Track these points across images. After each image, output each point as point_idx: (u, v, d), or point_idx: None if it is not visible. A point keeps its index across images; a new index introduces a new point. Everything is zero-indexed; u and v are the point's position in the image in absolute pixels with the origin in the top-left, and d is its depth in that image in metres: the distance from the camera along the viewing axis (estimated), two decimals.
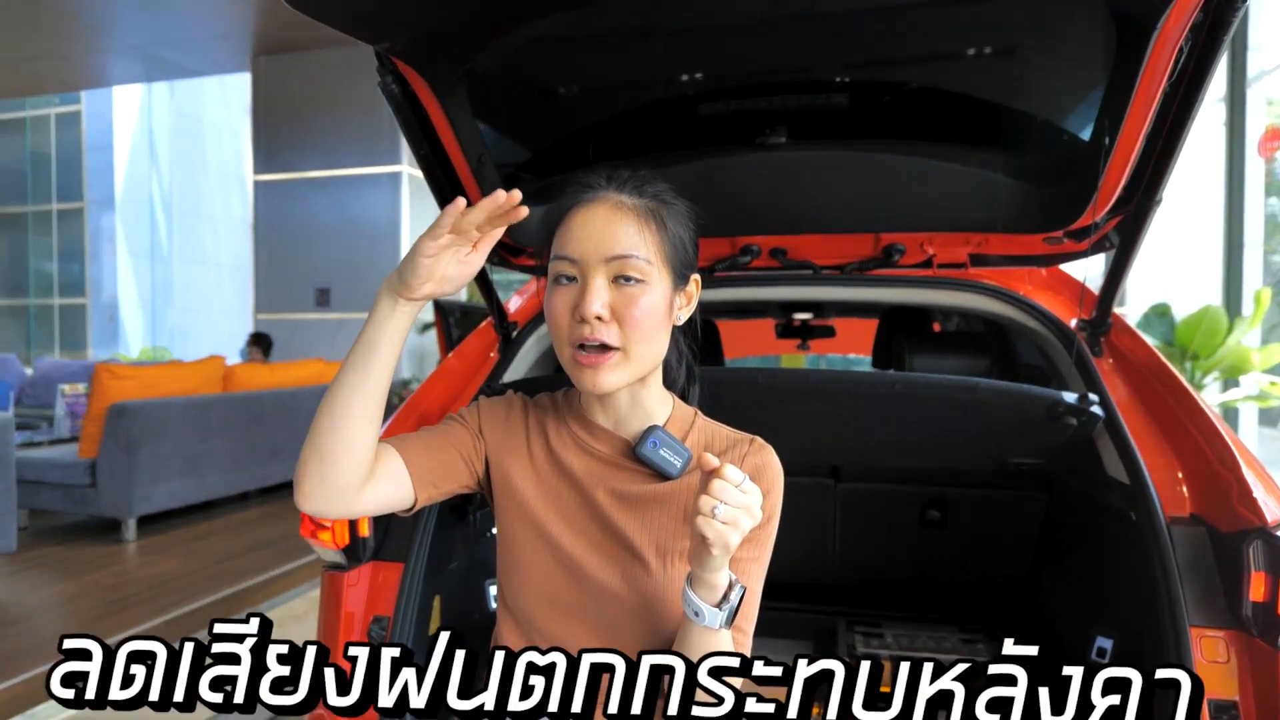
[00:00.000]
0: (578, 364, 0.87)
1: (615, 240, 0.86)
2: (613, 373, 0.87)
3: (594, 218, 0.88)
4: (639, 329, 0.86)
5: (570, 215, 0.90)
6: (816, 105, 1.53)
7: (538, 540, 0.94)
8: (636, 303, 0.86)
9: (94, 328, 12.75)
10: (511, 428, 1.00)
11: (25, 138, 13.39)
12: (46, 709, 2.61)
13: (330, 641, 1.38)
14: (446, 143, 1.48)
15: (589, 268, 0.86)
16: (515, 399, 1.04)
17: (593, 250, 0.86)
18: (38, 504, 4.48)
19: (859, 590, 2.20)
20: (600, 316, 0.85)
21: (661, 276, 0.89)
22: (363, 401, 0.83)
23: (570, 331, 0.87)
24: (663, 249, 0.90)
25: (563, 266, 0.88)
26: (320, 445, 0.84)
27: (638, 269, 0.86)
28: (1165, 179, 1.31)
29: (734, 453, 0.95)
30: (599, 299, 0.85)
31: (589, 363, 0.86)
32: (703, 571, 0.79)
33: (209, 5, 6.78)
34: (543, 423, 1.00)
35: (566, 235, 0.89)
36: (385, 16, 1.15)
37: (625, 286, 0.87)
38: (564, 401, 1.02)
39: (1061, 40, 1.32)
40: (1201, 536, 1.21)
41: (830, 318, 3.25)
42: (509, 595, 0.97)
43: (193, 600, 3.38)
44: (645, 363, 0.89)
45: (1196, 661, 1.11)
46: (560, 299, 0.88)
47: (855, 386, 1.46)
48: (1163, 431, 1.42)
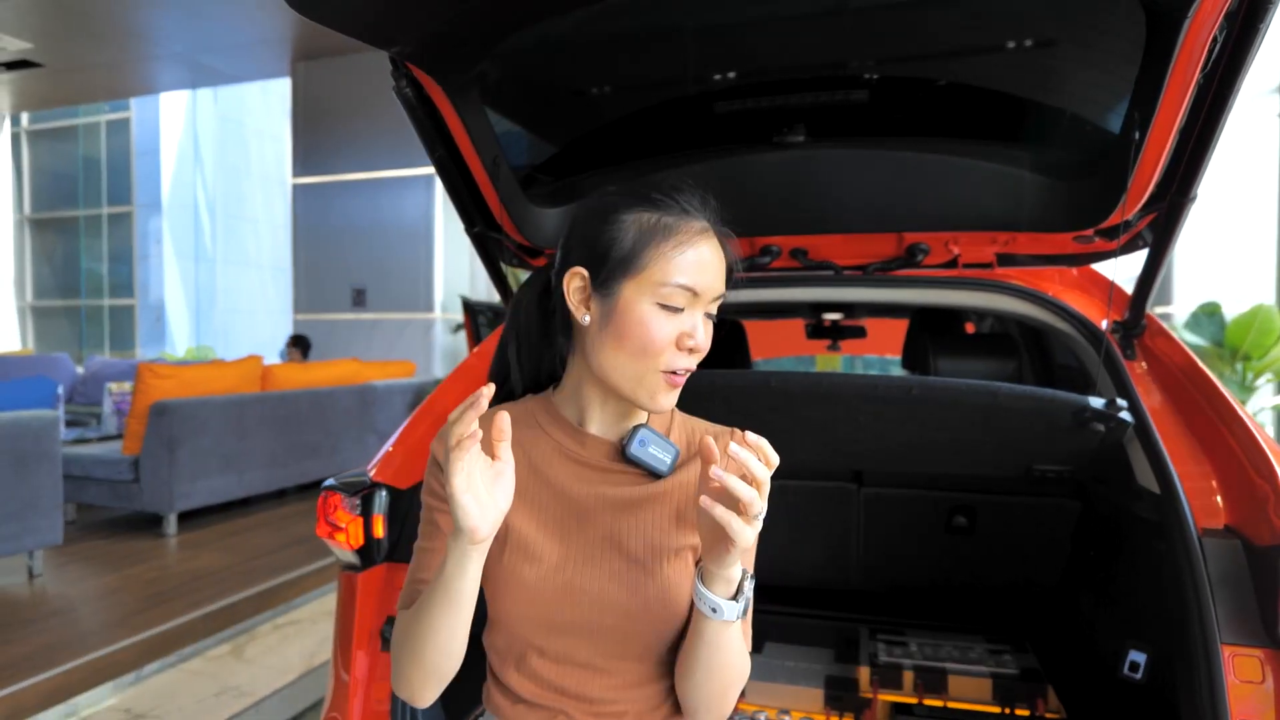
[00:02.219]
0: (668, 384, 0.87)
1: (721, 281, 0.89)
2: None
3: (710, 255, 0.88)
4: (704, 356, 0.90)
5: (697, 245, 0.87)
6: (836, 102, 1.50)
7: (526, 563, 0.90)
8: (709, 335, 0.89)
9: (142, 327, 13.13)
10: (481, 447, 0.97)
11: (78, 144, 13.85)
12: (89, 698, 2.69)
13: (345, 642, 1.40)
14: (461, 145, 1.49)
15: (702, 304, 0.88)
16: (496, 417, 1.01)
17: (712, 288, 0.88)
18: (85, 499, 4.63)
19: (882, 597, 2.16)
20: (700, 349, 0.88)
21: None
22: (461, 628, 0.83)
23: (668, 357, 0.87)
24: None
25: (680, 297, 0.86)
26: (436, 665, 0.84)
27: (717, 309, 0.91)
28: (1200, 174, 1.26)
29: (717, 445, 0.93)
30: (708, 334, 0.88)
31: (677, 384, 0.88)
32: (720, 568, 0.79)
33: (250, 12, 6.93)
34: (515, 435, 0.95)
35: (692, 264, 0.86)
36: (394, 21, 1.16)
37: (709, 321, 0.89)
38: (537, 409, 0.98)
39: (1089, 30, 1.27)
40: (1236, 550, 1.15)
41: (861, 318, 3.20)
42: (502, 626, 0.93)
43: (229, 595, 3.45)
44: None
45: (1229, 682, 1.05)
46: (667, 325, 0.86)
47: (870, 391, 1.43)
48: (1197, 438, 1.36)
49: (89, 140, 13.75)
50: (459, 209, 1.62)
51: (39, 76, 8.52)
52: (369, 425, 6.10)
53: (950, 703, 1.71)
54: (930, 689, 1.73)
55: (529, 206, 1.65)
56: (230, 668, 3.00)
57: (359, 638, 1.37)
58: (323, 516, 1.40)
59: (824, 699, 1.73)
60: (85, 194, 13.78)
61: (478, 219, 1.65)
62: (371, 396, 6.11)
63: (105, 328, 13.83)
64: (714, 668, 0.85)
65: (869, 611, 2.11)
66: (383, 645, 1.37)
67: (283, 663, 3.04)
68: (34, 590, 3.54)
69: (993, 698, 1.70)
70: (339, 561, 1.47)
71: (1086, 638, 1.72)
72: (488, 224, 1.68)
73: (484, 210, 1.66)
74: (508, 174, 1.57)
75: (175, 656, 3.02)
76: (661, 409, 0.88)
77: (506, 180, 1.58)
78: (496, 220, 1.67)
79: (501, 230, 1.69)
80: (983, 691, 1.71)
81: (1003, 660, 1.79)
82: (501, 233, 1.70)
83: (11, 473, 3.42)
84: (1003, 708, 1.68)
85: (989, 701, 1.70)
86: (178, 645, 3.06)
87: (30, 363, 8.94)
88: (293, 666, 2.99)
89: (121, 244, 13.44)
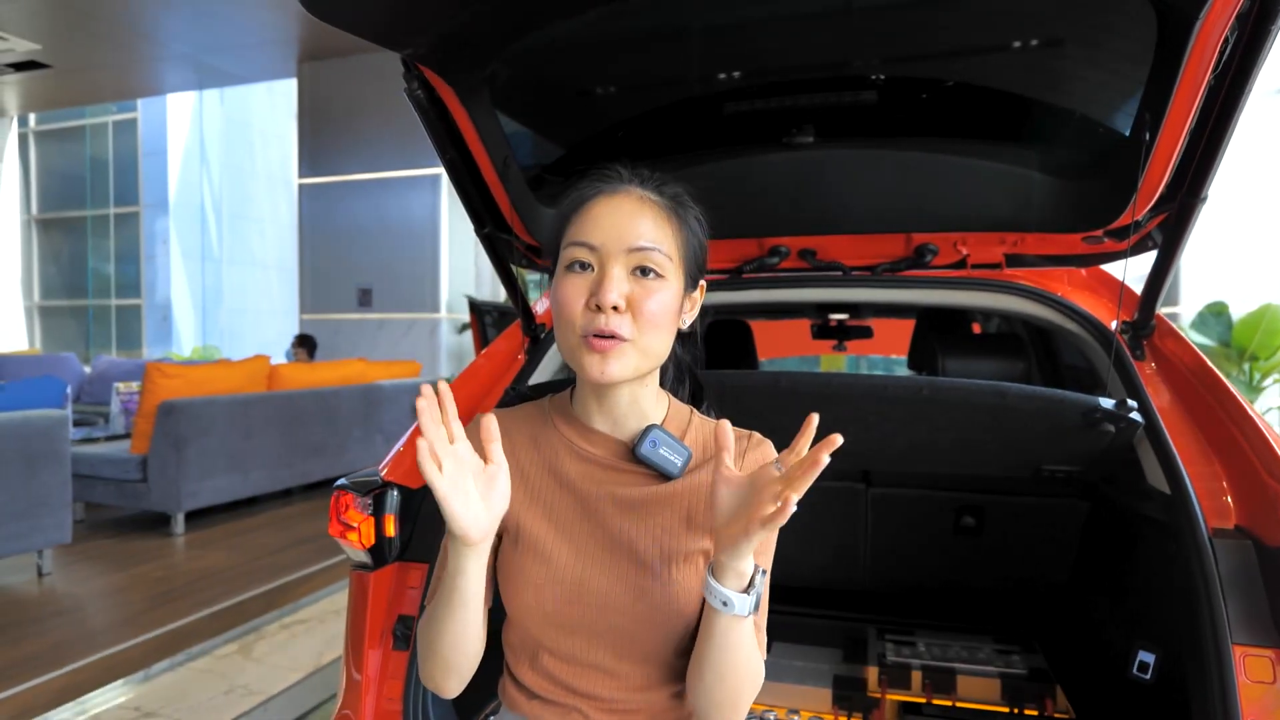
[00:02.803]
0: (588, 348, 0.84)
1: (639, 232, 0.85)
2: (621, 360, 0.84)
3: (619, 207, 0.86)
4: (652, 322, 0.85)
5: (591, 202, 0.88)
6: (845, 103, 1.50)
7: (536, 562, 0.90)
8: (653, 295, 0.85)
9: (148, 327, 13.18)
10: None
11: (85, 145, 13.90)
12: (99, 696, 2.71)
13: (357, 640, 1.40)
14: (472, 145, 1.50)
15: (609, 256, 0.84)
16: (483, 420, 1.01)
17: (616, 239, 0.84)
18: (93, 498, 4.66)
19: (890, 597, 2.16)
20: (617, 307, 0.83)
21: (677, 275, 0.88)
22: (471, 625, 0.85)
23: (583, 319, 0.84)
24: (681, 248, 0.89)
25: (580, 253, 0.85)
26: (450, 659, 0.86)
27: (658, 263, 0.85)
28: (1211, 175, 1.26)
29: (734, 449, 0.93)
30: (618, 288, 0.83)
31: (600, 348, 0.84)
32: (734, 560, 0.77)
33: (257, 13, 6.96)
34: (530, 433, 0.97)
35: (587, 221, 0.86)
36: (406, 23, 1.16)
37: (644, 279, 0.85)
38: (552, 408, 0.99)
39: (1099, 31, 1.27)
40: (1247, 550, 1.15)
41: (867, 318, 3.20)
42: (515, 623, 0.94)
43: (237, 594, 3.47)
44: (652, 358, 0.88)
45: (1240, 682, 1.05)
46: (573, 285, 0.85)
47: (879, 391, 1.43)
48: (1207, 439, 1.36)
49: (96, 141, 13.80)
50: (469, 210, 1.62)
51: (47, 77, 8.57)
52: (375, 425, 6.11)
53: (959, 703, 1.71)
54: (938, 689, 1.73)
55: (538, 207, 1.66)
56: (239, 666, 3.01)
57: (371, 636, 1.37)
58: (335, 516, 1.40)
59: (832, 699, 1.73)
60: (92, 194, 13.84)
61: (487, 219, 1.66)
62: (378, 396, 6.12)
63: (112, 328, 13.88)
64: (725, 670, 0.83)
65: (877, 611, 2.11)
66: (394, 644, 1.37)
67: (291, 661, 3.04)
68: (43, 589, 3.56)
69: (1001, 698, 1.70)
70: (350, 561, 1.48)
71: (1095, 638, 1.72)
72: (497, 224, 1.69)
73: (494, 211, 1.66)
74: (517, 175, 1.58)
75: (183, 655, 3.03)
76: (595, 378, 0.85)
77: (516, 181, 1.58)
78: (506, 221, 1.67)
79: (510, 231, 1.70)
80: (991, 692, 1.71)
81: (1011, 660, 1.79)
82: (510, 233, 1.70)
83: (21, 472, 3.44)
84: (1011, 708, 1.68)
85: (997, 702, 1.70)
86: (186, 644, 3.07)
87: (38, 362, 8.99)
88: (301, 665, 3.00)
89: (128, 244, 13.49)
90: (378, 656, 1.37)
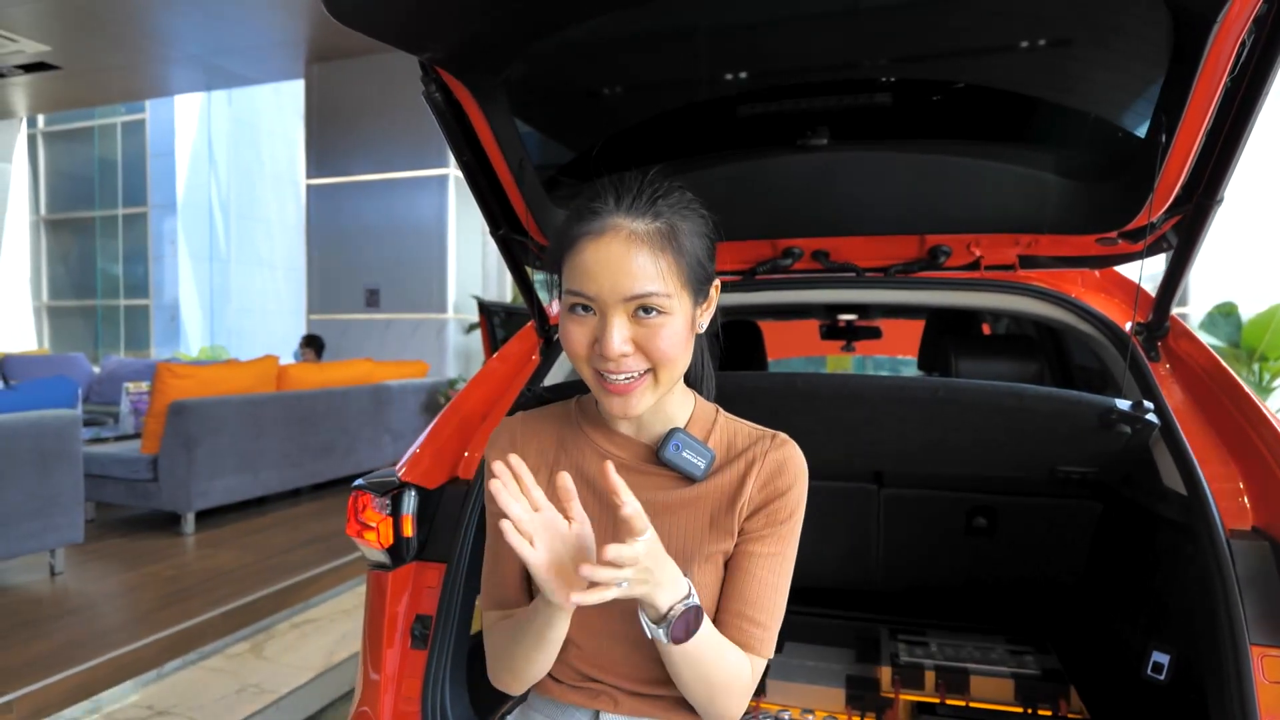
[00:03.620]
0: (606, 391, 0.86)
1: (632, 279, 0.82)
2: (641, 397, 0.86)
3: (609, 254, 0.82)
4: (665, 356, 0.84)
5: (580, 246, 0.85)
6: (859, 105, 1.51)
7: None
8: (659, 334, 0.83)
9: (156, 327, 13.23)
10: (522, 454, 0.97)
11: (93, 146, 13.97)
12: (112, 695, 2.73)
13: (374, 639, 1.41)
14: (488, 148, 1.51)
15: (607, 307, 0.83)
16: (514, 423, 1.02)
17: (610, 289, 0.82)
18: (104, 498, 4.68)
19: (903, 597, 2.16)
20: (625, 352, 0.83)
21: (682, 301, 0.86)
22: (553, 654, 0.89)
23: (591, 360, 0.86)
24: (681, 274, 0.85)
25: (579, 299, 0.85)
26: (526, 673, 0.91)
27: (658, 303, 0.83)
28: (1227, 178, 1.26)
29: (756, 449, 0.93)
30: (619, 336, 0.82)
31: (618, 390, 0.84)
32: (642, 597, 0.79)
33: (266, 15, 6.98)
34: (557, 435, 0.99)
35: (580, 270, 0.84)
36: (427, 27, 1.17)
37: (646, 319, 0.84)
38: (578, 410, 1.00)
39: (1116, 33, 1.27)
40: (1264, 550, 1.15)
41: (876, 319, 3.20)
42: None
43: (248, 593, 3.49)
44: (672, 381, 0.88)
45: (1258, 682, 1.06)
46: (578, 330, 0.85)
47: (897, 392, 1.43)
48: (1223, 440, 1.36)
49: (104, 142, 13.86)
50: (484, 212, 1.63)
51: (56, 78, 8.60)
52: (383, 425, 6.12)
53: (972, 703, 1.71)
54: (952, 689, 1.73)
55: (553, 209, 1.67)
56: (250, 665, 3.02)
57: (389, 635, 1.39)
58: (353, 515, 1.41)
59: (845, 698, 1.74)
60: (101, 195, 13.90)
61: (502, 222, 1.67)
62: (386, 396, 6.14)
63: (120, 328, 13.95)
64: (686, 680, 0.86)
65: (889, 612, 2.11)
66: (412, 643, 1.38)
67: (302, 660, 3.06)
68: (56, 588, 3.58)
69: (1015, 698, 1.70)
70: (366, 560, 1.49)
71: (1109, 639, 1.72)
72: (512, 227, 1.69)
73: (509, 213, 1.67)
74: (532, 177, 1.59)
75: (195, 654, 3.05)
76: (628, 416, 0.86)
77: (531, 183, 1.59)
78: (521, 223, 1.68)
79: (525, 233, 1.70)
80: (1004, 692, 1.71)
81: (1024, 661, 1.79)
82: (525, 235, 1.71)
83: (35, 472, 3.47)
84: (1025, 708, 1.68)
85: (1011, 702, 1.70)
86: (198, 643, 3.09)
87: (47, 362, 9.03)
88: (312, 664, 3.02)
89: (136, 244, 13.55)
90: (395, 655, 1.38)
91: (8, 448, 3.37)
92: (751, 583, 0.89)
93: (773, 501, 0.91)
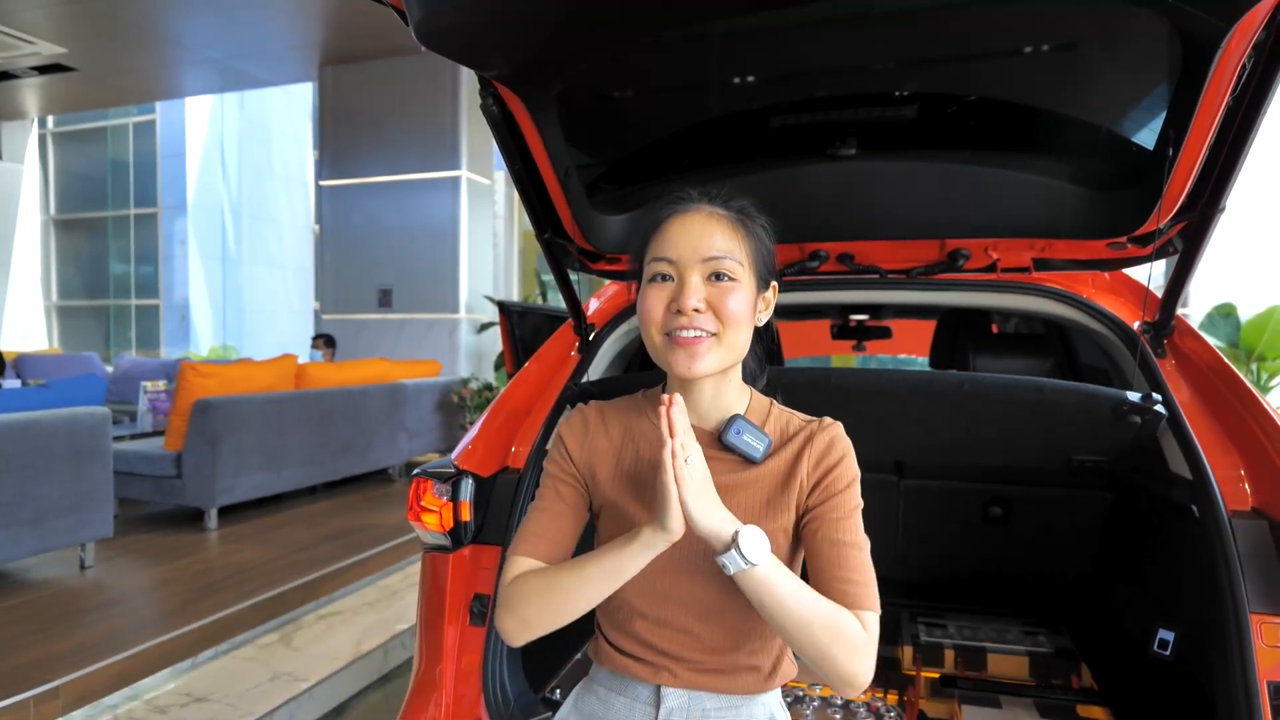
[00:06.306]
0: (675, 345, 0.97)
1: (711, 243, 0.96)
2: (708, 355, 0.96)
3: (691, 224, 0.98)
4: (732, 318, 0.96)
5: (667, 222, 0.99)
6: (887, 118, 1.61)
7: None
8: (730, 295, 0.96)
9: (166, 327, 13.30)
10: (593, 438, 1.08)
11: (104, 146, 14.04)
12: (150, 682, 2.82)
13: (435, 619, 1.51)
14: (538, 157, 1.60)
15: (687, 266, 0.96)
16: (588, 410, 1.12)
17: (690, 252, 0.96)
18: (129, 494, 4.78)
19: (922, 584, 2.26)
20: (698, 309, 0.95)
21: (749, 277, 1.00)
22: (602, 598, 0.96)
23: (666, 321, 0.97)
24: (750, 254, 1.00)
25: (661, 267, 0.98)
26: (556, 620, 0.97)
27: (730, 269, 0.97)
28: (1229, 188, 1.36)
29: (806, 433, 1.04)
30: (696, 294, 0.95)
31: (686, 344, 0.96)
32: (701, 531, 0.89)
33: (282, 19, 7.07)
34: (625, 424, 1.09)
35: (664, 239, 0.98)
36: (496, 49, 1.28)
37: (719, 283, 0.96)
38: (645, 402, 1.10)
39: (1128, 55, 1.37)
40: (1263, 529, 1.26)
41: (890, 319, 3.29)
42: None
43: (275, 586, 3.58)
44: (735, 350, 0.99)
45: (1257, 646, 1.16)
46: (656, 295, 0.98)
47: (925, 387, 1.53)
48: (1225, 429, 1.47)
49: (115, 142, 13.92)
50: (531, 217, 1.73)
51: (70, 80, 8.69)
52: (399, 424, 6.21)
53: (989, 677, 1.81)
54: (970, 667, 1.83)
55: (593, 214, 1.76)
56: (281, 655, 3.12)
57: (450, 614, 1.48)
58: (414, 501, 1.51)
59: None
60: (113, 195, 13.97)
61: (547, 226, 1.77)
62: (401, 395, 6.23)
63: (131, 327, 14.02)
64: (784, 620, 0.90)
65: (910, 597, 2.21)
66: (470, 620, 1.48)
67: (330, 650, 3.16)
68: (88, 581, 3.67)
69: (1029, 674, 1.80)
70: (423, 544, 1.58)
71: (1118, 620, 1.82)
72: (556, 231, 1.79)
73: (554, 218, 1.77)
74: (577, 184, 1.68)
75: (228, 644, 3.15)
76: (683, 374, 0.97)
77: (576, 190, 1.68)
78: (565, 228, 1.78)
79: (568, 236, 1.80)
80: (1020, 669, 1.81)
81: (1038, 640, 1.89)
82: (568, 239, 1.81)
83: (69, 467, 3.56)
84: (1039, 682, 1.78)
85: (1026, 678, 1.80)
86: (229, 634, 3.19)
87: (60, 361, 9.10)
88: (340, 654, 3.12)
89: (147, 245, 13.61)
90: (455, 631, 1.48)
91: (45, 444, 3.46)
92: (828, 547, 0.97)
93: (827, 475, 1.00)
